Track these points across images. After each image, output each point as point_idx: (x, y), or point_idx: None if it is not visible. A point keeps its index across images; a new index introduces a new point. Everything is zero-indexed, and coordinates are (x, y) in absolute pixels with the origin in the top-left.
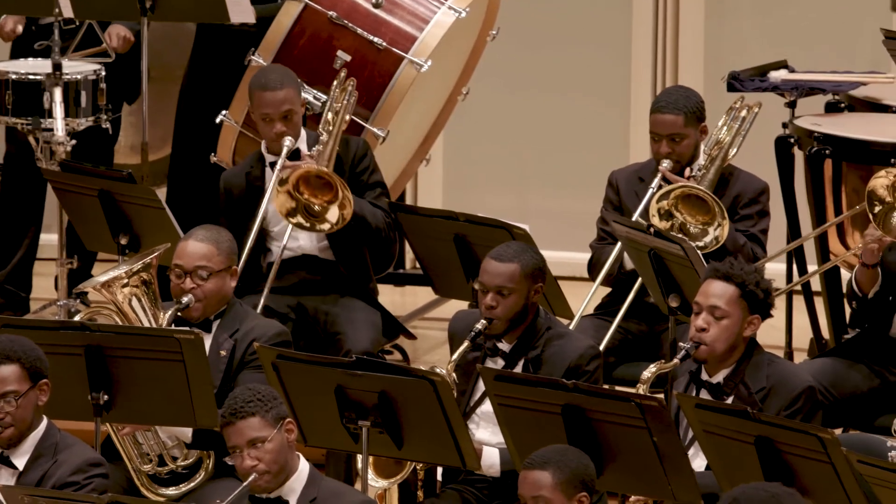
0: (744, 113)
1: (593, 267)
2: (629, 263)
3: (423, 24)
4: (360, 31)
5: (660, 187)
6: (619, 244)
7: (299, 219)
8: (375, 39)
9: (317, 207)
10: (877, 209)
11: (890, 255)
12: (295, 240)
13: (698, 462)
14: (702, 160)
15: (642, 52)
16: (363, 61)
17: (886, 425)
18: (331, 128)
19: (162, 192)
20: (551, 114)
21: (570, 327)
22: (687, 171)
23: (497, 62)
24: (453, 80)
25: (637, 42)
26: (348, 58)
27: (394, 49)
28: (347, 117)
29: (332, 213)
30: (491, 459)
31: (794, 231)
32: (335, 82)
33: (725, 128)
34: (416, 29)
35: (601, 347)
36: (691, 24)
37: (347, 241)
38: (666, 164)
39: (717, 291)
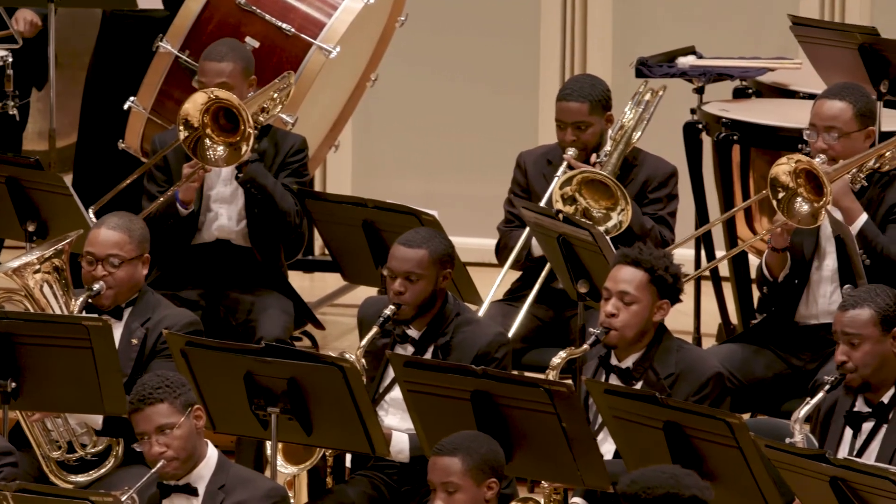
0: (648, 97)
1: (501, 250)
2: (537, 250)
3: (331, 11)
4: (268, 17)
5: (565, 174)
6: (527, 228)
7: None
8: (284, 26)
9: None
10: (780, 195)
11: (797, 238)
12: (217, 218)
13: (607, 447)
14: (608, 147)
15: (551, 37)
16: (272, 47)
17: (792, 410)
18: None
19: (69, 179)
20: (460, 100)
21: (480, 313)
22: (592, 158)
23: (406, 48)
24: (362, 67)
25: (545, 28)
26: (257, 44)
27: (302, 35)
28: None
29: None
30: (400, 445)
31: (702, 216)
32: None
33: (630, 112)
34: (325, 15)
35: (510, 333)
36: (599, 11)
37: (265, 226)
38: (571, 152)
39: (627, 277)
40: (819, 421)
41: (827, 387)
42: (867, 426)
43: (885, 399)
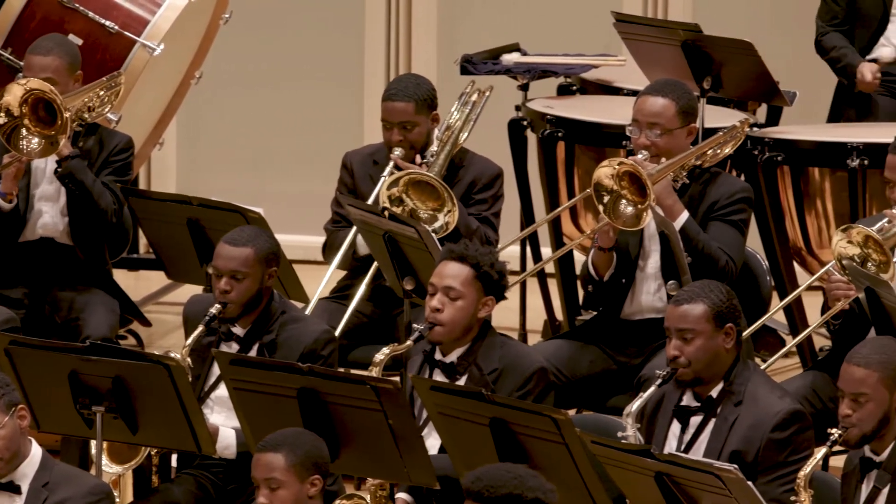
0: (474, 97)
1: (327, 249)
2: (363, 249)
3: (155, 8)
4: (91, 14)
5: (392, 175)
6: (353, 228)
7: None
8: (107, 23)
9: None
10: (605, 199)
11: (622, 237)
12: (41, 216)
13: (432, 442)
14: (435, 147)
15: (375, 35)
16: (95, 45)
17: (618, 406)
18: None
19: None
20: (286, 97)
21: (307, 311)
22: (418, 159)
23: (231, 45)
24: (186, 64)
25: (370, 25)
26: (80, 41)
27: (126, 32)
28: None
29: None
30: (227, 441)
31: (527, 213)
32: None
33: (457, 113)
34: (149, 12)
35: (337, 332)
36: (424, 8)
37: (85, 224)
38: (398, 152)
39: (452, 272)
40: (647, 415)
41: (658, 381)
42: (695, 420)
43: (714, 393)
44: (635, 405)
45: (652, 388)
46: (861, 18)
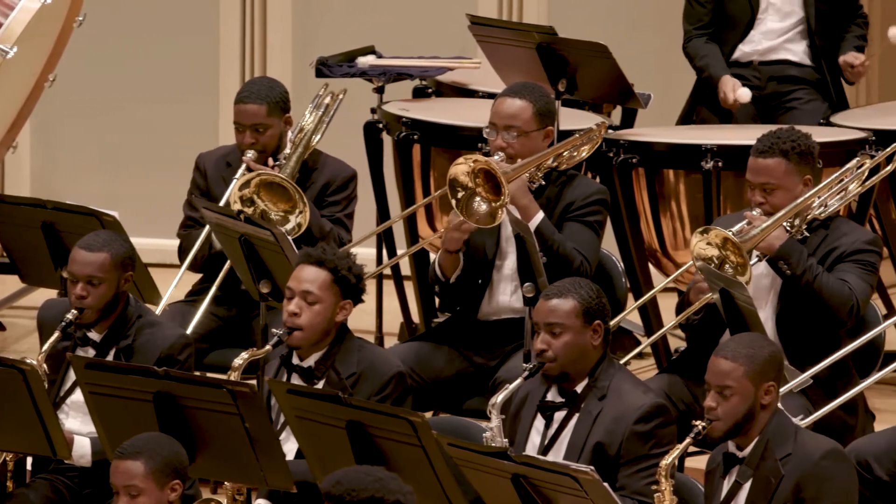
0: (328, 100)
1: (182, 253)
2: (218, 244)
3: (7, 11)
4: None
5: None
6: (206, 228)
7: None
8: None
9: None
10: (459, 195)
11: (479, 239)
12: None
13: (289, 446)
14: (288, 150)
15: (230, 37)
16: None
17: (474, 408)
18: None
19: None
20: (140, 100)
21: (161, 315)
22: (270, 161)
23: (85, 47)
24: (40, 67)
25: (224, 28)
26: None
27: None
28: None
29: None
30: (82, 450)
31: (383, 216)
32: None
33: (309, 115)
34: (1, 15)
35: (192, 333)
36: (279, 10)
37: None
38: (250, 154)
39: (310, 277)
40: (511, 411)
41: (525, 374)
42: (559, 415)
43: (579, 389)
44: (500, 397)
45: (518, 381)
46: (729, 21)
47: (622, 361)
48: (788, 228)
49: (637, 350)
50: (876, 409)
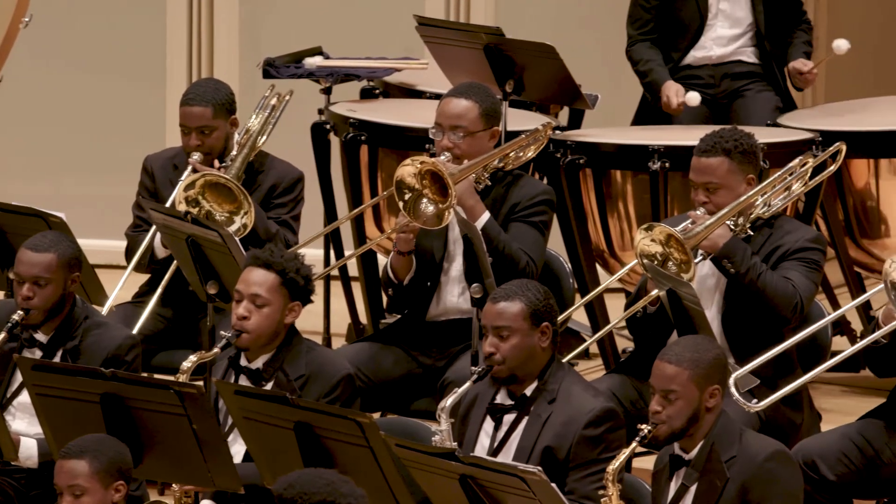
0: (274, 101)
1: (130, 255)
2: (160, 252)
3: None
4: None
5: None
6: (151, 230)
7: None
8: None
9: None
10: (406, 196)
11: (427, 241)
12: None
13: (237, 448)
14: (235, 151)
15: (177, 38)
16: None
17: (422, 409)
18: None
19: None
20: (86, 100)
21: (107, 316)
22: (216, 163)
23: (31, 48)
24: None
25: (172, 28)
26: None
27: None
28: None
29: None
30: (29, 451)
31: (331, 217)
32: None
33: (256, 117)
34: None
35: (138, 334)
36: (226, 12)
37: None
38: (196, 156)
39: (258, 279)
40: (461, 414)
41: (474, 377)
42: (508, 418)
43: (528, 392)
44: (450, 400)
45: (467, 384)
46: (678, 27)
47: (568, 360)
48: (732, 227)
49: (582, 347)
50: (823, 409)
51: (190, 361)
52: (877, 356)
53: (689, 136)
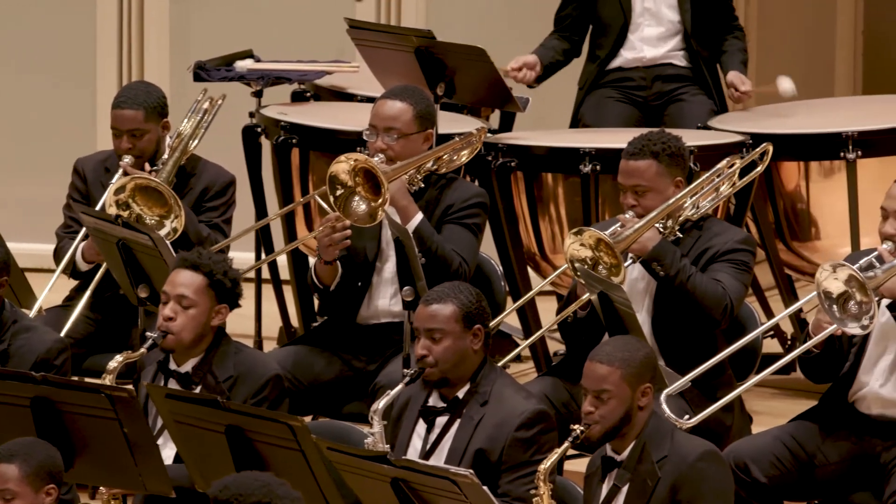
0: (206, 105)
1: (58, 255)
2: (83, 265)
3: None
4: None
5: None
6: (77, 238)
7: None
8: None
9: None
10: (338, 192)
11: (360, 242)
12: None
13: (168, 451)
14: (166, 154)
15: (107, 40)
16: None
17: (353, 412)
18: None
19: None
20: (15, 102)
21: (36, 319)
22: (147, 167)
23: None
24: None
25: (102, 30)
26: None
27: None
28: None
29: None
30: None
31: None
32: None
33: (187, 120)
34: None
35: (67, 337)
36: (156, 15)
37: None
38: (127, 159)
39: (185, 281)
40: (393, 416)
41: (406, 379)
42: (441, 420)
43: (460, 394)
44: (382, 403)
45: (399, 387)
46: (602, 26)
47: (500, 364)
48: (661, 230)
49: (515, 353)
50: (753, 411)
51: (116, 362)
52: (811, 365)
53: (620, 138)
